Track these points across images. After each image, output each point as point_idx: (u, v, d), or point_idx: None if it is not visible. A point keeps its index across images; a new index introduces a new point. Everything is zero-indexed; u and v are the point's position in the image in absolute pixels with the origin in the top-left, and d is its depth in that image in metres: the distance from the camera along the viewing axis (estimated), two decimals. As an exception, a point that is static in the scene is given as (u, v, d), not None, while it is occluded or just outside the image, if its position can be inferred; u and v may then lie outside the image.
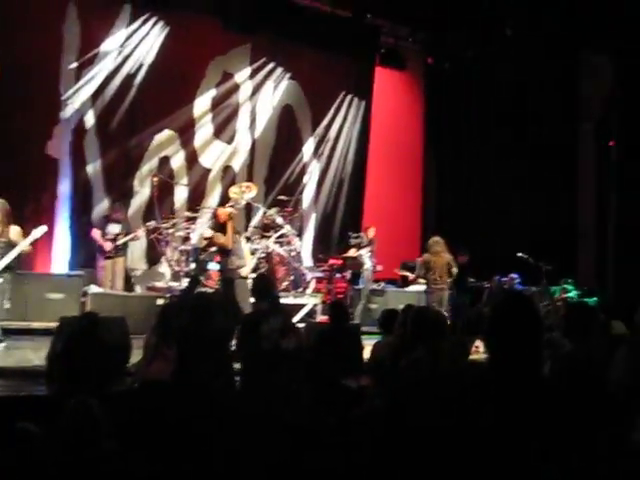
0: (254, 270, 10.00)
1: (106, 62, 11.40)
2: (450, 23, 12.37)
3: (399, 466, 2.58)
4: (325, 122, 13.52)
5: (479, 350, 6.47)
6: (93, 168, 11.41)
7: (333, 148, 13.63)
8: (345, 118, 13.73)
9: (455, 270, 9.63)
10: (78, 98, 11.20)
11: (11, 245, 7.27)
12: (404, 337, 4.38)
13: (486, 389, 2.35)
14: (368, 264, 11.24)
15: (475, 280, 11.18)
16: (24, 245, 7.28)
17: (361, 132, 13.88)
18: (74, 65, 11.17)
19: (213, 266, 9.53)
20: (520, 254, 11.04)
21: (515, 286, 11.03)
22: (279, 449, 3.24)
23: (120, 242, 10.08)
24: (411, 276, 10.41)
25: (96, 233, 10.21)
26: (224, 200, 11.36)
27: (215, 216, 8.87)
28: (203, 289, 8.72)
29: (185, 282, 9.66)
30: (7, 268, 7.34)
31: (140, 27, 11.72)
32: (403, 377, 3.67)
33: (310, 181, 13.59)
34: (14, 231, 7.41)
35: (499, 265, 11.02)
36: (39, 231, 7.38)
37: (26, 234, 7.55)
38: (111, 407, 3.45)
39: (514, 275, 11.26)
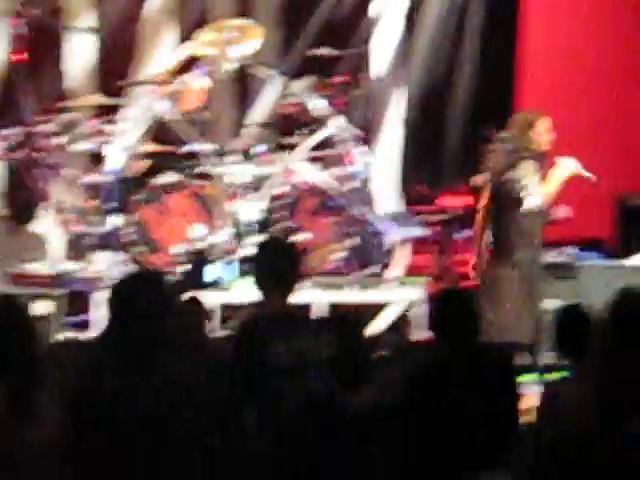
0: (262, 226, 9.02)
1: None
2: None
3: None
4: None
5: None
6: None
7: None
8: None
9: None
10: None
11: None
12: (612, 369, 4.01)
13: None
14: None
15: None
16: None
17: None
18: None
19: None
20: None
21: None
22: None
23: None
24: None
25: None
26: (184, 64, 9.89)
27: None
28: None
29: (109, 261, 8.85)
30: None
31: None
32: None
33: (386, 14, 11.48)
34: None
35: None
36: None
37: None
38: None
39: None
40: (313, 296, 8.22)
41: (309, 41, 11.01)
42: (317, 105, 9.29)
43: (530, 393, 5.63)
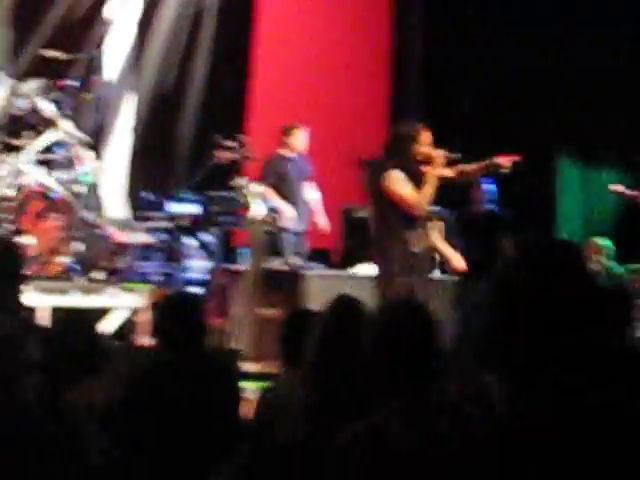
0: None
1: None
2: None
3: None
4: None
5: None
6: None
7: None
8: None
9: None
10: None
11: None
12: (324, 371, 3.94)
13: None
14: (257, 211, 9.75)
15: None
16: None
17: None
18: None
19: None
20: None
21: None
22: None
23: None
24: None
25: None
26: None
27: None
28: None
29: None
30: None
31: None
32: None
33: (119, 18, 11.67)
34: None
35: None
36: None
37: None
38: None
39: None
40: (36, 300, 8.08)
41: (41, 42, 10.78)
42: (46, 107, 9.22)
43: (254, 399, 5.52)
